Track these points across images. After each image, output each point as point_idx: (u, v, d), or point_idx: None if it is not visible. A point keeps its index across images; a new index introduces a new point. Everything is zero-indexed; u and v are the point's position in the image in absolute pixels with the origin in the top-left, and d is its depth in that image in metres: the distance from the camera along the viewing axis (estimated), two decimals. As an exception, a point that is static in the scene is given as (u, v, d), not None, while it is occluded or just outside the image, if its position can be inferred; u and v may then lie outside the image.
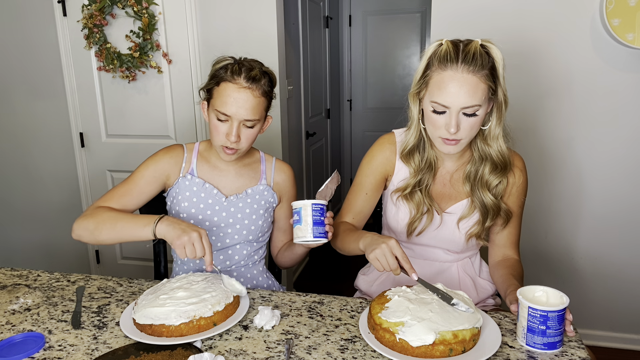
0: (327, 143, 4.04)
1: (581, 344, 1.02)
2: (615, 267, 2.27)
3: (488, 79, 1.15)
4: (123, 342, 1.07)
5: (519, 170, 1.32)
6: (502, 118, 1.22)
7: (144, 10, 2.40)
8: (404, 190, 1.32)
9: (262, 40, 2.42)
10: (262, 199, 1.44)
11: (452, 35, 2.15)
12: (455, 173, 1.33)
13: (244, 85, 1.28)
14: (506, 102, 1.21)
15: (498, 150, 1.25)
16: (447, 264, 1.40)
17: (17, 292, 1.32)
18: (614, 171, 2.18)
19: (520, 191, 1.34)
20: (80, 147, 2.76)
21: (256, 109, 1.31)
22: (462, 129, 1.16)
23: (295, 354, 1.01)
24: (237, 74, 1.29)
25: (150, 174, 1.42)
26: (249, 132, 1.34)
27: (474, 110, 1.15)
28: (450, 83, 1.13)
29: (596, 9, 2.03)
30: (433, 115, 1.18)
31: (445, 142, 1.20)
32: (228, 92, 1.28)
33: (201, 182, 1.42)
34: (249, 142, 1.35)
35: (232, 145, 1.32)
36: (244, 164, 1.47)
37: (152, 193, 1.44)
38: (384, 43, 4.26)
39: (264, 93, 1.32)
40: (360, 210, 1.40)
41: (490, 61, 1.16)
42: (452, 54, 1.14)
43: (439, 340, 0.94)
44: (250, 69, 1.30)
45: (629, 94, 2.09)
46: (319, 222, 1.20)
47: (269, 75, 1.36)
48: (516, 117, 2.21)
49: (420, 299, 1.05)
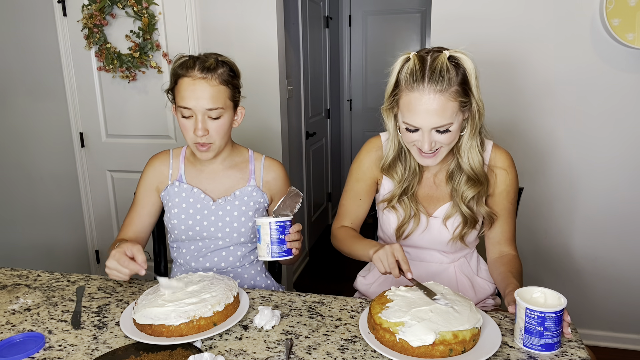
0: (327, 143, 4.04)
1: (581, 344, 1.02)
2: (615, 267, 2.27)
3: (458, 94, 1.12)
4: (123, 342, 1.07)
5: (503, 171, 1.30)
6: (476, 128, 1.21)
7: (144, 10, 2.40)
8: (390, 202, 1.33)
9: (262, 40, 2.42)
10: (250, 200, 1.43)
11: (452, 35, 2.18)
12: (439, 173, 1.34)
13: (199, 76, 1.29)
14: (480, 113, 1.18)
15: (469, 163, 1.24)
16: (443, 266, 1.40)
17: (17, 292, 1.32)
18: (614, 171, 2.18)
19: (509, 189, 1.32)
20: (80, 147, 2.76)
21: (216, 97, 1.30)
22: (438, 142, 1.17)
23: (295, 354, 1.01)
24: (192, 67, 1.29)
25: (143, 192, 1.47)
26: (217, 125, 1.32)
27: (445, 128, 1.14)
28: (418, 105, 1.12)
29: (596, 9, 2.03)
30: (406, 132, 1.19)
31: (423, 155, 1.20)
32: (185, 86, 1.29)
33: (189, 187, 1.43)
34: (220, 134, 1.34)
35: (202, 140, 1.31)
36: (231, 165, 1.46)
37: (153, 208, 1.48)
38: (384, 43, 4.26)
39: (223, 82, 1.31)
40: (355, 215, 1.42)
41: (460, 73, 1.13)
42: (419, 72, 1.12)
43: (439, 340, 0.94)
44: (205, 60, 1.31)
45: (628, 94, 2.09)
46: (280, 240, 1.17)
47: (228, 64, 1.35)
48: (516, 116, 2.21)
49: (420, 299, 1.05)
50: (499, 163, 1.30)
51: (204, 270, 1.44)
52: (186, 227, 1.42)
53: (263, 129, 2.54)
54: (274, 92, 2.49)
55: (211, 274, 1.23)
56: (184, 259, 1.47)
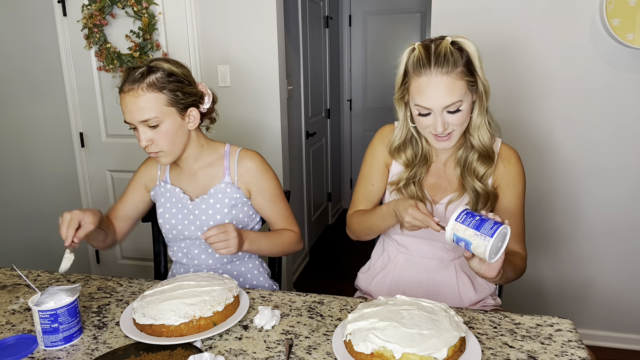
0: (327, 143, 4.04)
1: (581, 344, 1.02)
2: (615, 266, 2.27)
3: (464, 74, 1.17)
4: (123, 342, 1.07)
5: (510, 163, 1.33)
6: (484, 107, 1.25)
7: (144, 10, 2.40)
8: (397, 184, 1.36)
9: (262, 40, 2.43)
10: (225, 197, 1.40)
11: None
12: (449, 160, 1.36)
13: (127, 89, 1.26)
14: (487, 92, 1.23)
15: (479, 140, 1.28)
16: (444, 263, 1.39)
17: (17, 292, 1.32)
18: (614, 170, 2.18)
19: (516, 182, 1.33)
20: (80, 147, 2.76)
21: (145, 107, 1.25)
22: (450, 124, 1.21)
23: (295, 354, 1.01)
24: (124, 80, 1.27)
25: (131, 187, 1.53)
26: (158, 132, 1.28)
27: (456, 107, 1.18)
28: (427, 88, 1.17)
29: (596, 9, 2.03)
30: (419, 117, 1.23)
31: (437, 138, 1.24)
32: (123, 101, 1.28)
33: (173, 187, 1.44)
34: (167, 140, 1.30)
35: (149, 149, 1.31)
36: (208, 163, 1.44)
37: (138, 204, 1.52)
38: (384, 43, 4.26)
39: (155, 89, 1.25)
40: (369, 200, 1.44)
41: (464, 56, 1.18)
42: (424, 59, 1.17)
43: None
44: (134, 70, 1.27)
45: (628, 94, 2.09)
46: (49, 330, 1.05)
47: (162, 69, 1.28)
48: (516, 115, 2.22)
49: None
50: (507, 155, 1.34)
51: (195, 269, 1.46)
52: (170, 226, 1.44)
53: (263, 129, 2.54)
54: (274, 92, 2.49)
55: (211, 273, 1.24)
56: (177, 257, 1.49)
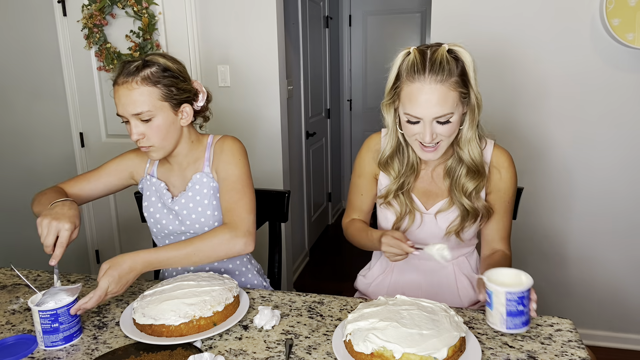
0: (327, 143, 4.04)
1: (581, 344, 1.02)
2: (614, 266, 2.27)
3: (458, 85, 1.15)
4: (123, 342, 1.07)
5: (503, 169, 1.31)
6: (475, 121, 1.22)
7: (144, 10, 2.40)
8: (385, 198, 1.34)
9: (262, 40, 2.43)
10: (203, 187, 1.39)
11: (452, 35, 2.18)
12: (438, 167, 1.34)
13: (121, 81, 1.26)
14: (479, 106, 1.20)
15: (469, 154, 1.25)
16: (442, 264, 1.39)
17: (17, 292, 1.32)
18: (613, 170, 2.18)
19: (507, 187, 1.32)
20: (80, 147, 2.76)
21: (139, 100, 1.24)
22: (439, 134, 1.18)
23: (295, 354, 1.01)
24: (118, 73, 1.27)
25: (113, 166, 1.46)
26: (151, 127, 1.28)
27: (447, 118, 1.16)
28: (420, 95, 1.14)
29: (596, 9, 2.03)
30: (408, 124, 1.20)
31: (424, 149, 1.21)
32: (116, 94, 1.27)
33: (158, 182, 1.43)
34: (158, 135, 1.29)
35: (140, 143, 1.30)
36: (196, 158, 1.42)
37: (111, 185, 1.46)
38: (384, 43, 4.26)
39: (149, 82, 1.25)
40: (360, 209, 1.44)
41: (459, 66, 1.15)
42: (419, 65, 1.14)
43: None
44: (129, 63, 1.27)
45: (628, 94, 2.09)
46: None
47: (157, 63, 1.28)
48: (515, 115, 2.21)
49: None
50: (499, 162, 1.32)
51: None
52: (155, 220, 1.43)
53: (263, 129, 2.54)
54: (274, 92, 2.49)
55: (211, 273, 1.24)
56: None
